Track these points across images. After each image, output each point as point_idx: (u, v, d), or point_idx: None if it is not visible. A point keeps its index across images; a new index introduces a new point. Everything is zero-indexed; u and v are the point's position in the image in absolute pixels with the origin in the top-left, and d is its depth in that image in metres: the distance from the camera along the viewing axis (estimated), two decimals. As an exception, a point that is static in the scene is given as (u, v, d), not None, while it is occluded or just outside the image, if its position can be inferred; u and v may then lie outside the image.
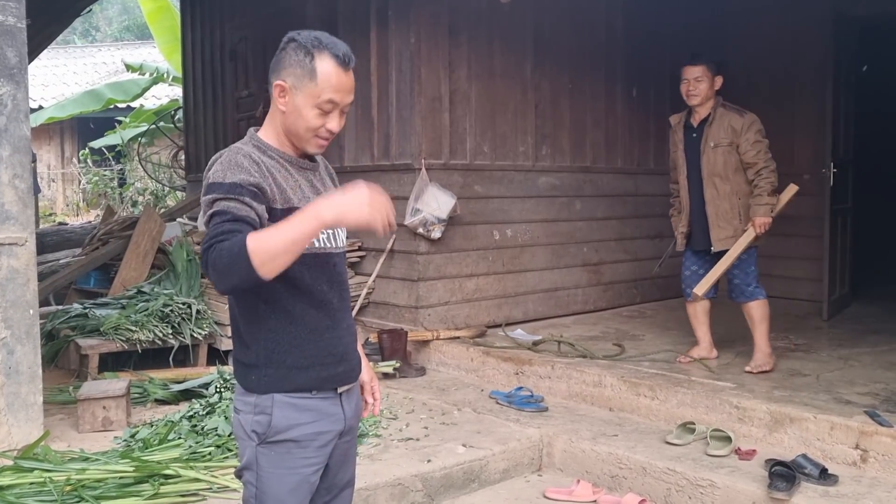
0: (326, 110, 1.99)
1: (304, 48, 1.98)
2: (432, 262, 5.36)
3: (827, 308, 6.01)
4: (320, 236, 2.05)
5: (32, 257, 3.47)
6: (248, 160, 1.96)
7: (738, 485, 3.23)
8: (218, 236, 1.82)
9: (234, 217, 1.85)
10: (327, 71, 1.96)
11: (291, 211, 1.96)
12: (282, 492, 2.02)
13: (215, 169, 1.96)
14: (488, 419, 4.12)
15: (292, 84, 1.99)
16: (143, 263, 6.14)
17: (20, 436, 3.41)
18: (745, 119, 4.49)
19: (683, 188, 4.69)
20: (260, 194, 1.92)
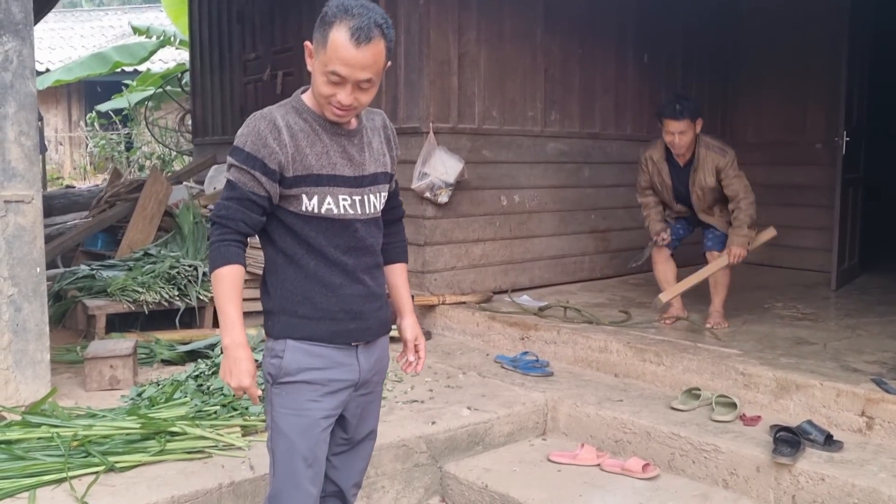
0: (334, 81, 2.00)
1: (327, 15, 1.99)
2: (439, 226, 5.34)
3: (835, 278, 5.97)
4: (342, 204, 2.13)
5: (39, 215, 3.46)
6: (271, 128, 2.03)
7: (743, 450, 3.23)
8: (223, 215, 2.05)
9: (241, 196, 2.04)
10: (336, 43, 1.96)
11: (307, 178, 2.06)
12: (293, 432, 2.11)
13: (241, 131, 2.07)
14: (493, 383, 4.13)
15: (314, 48, 2.03)
16: (149, 226, 6.13)
17: (27, 392, 3.43)
18: (726, 158, 4.56)
19: (668, 201, 4.82)
20: (270, 168, 2.03)
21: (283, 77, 6.67)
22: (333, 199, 2.10)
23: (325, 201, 2.09)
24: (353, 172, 2.14)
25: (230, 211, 2.04)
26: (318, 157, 2.08)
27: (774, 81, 7.17)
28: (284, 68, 6.72)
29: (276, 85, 6.69)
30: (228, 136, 7.67)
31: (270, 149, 2.02)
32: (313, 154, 2.07)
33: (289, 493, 2.13)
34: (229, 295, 2.03)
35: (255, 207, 2.04)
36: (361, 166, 2.16)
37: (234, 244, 2.05)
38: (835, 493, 2.96)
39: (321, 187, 2.08)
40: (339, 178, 2.11)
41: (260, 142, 2.02)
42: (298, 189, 2.07)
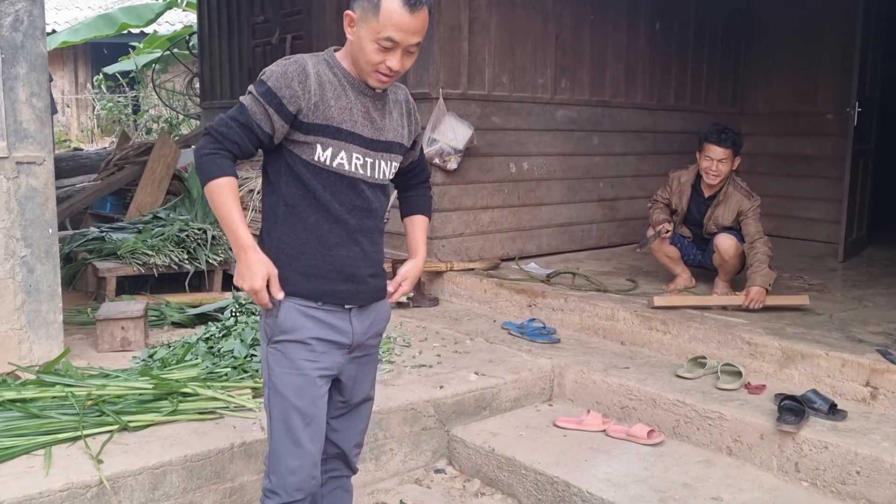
0: (386, 47, 2.02)
1: None
2: (447, 193, 5.34)
3: (843, 250, 5.97)
4: (354, 162, 2.14)
5: (51, 177, 3.48)
6: (300, 72, 2.05)
7: (747, 417, 3.27)
8: (222, 132, 2.06)
9: (247, 123, 2.05)
10: (391, 8, 1.98)
11: (326, 128, 2.08)
12: (288, 390, 2.14)
13: (270, 67, 2.09)
14: (500, 349, 4.16)
15: (359, 16, 2.03)
16: (158, 189, 6.15)
17: (41, 352, 3.48)
18: (751, 203, 4.54)
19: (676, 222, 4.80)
20: (286, 109, 2.04)
21: (291, 41, 6.62)
22: (347, 155, 2.12)
23: (339, 155, 2.11)
24: (372, 134, 2.15)
25: (231, 131, 2.06)
26: (342, 110, 2.10)
27: (787, 51, 7.11)
28: (293, 31, 6.67)
29: (285, 48, 6.65)
30: (237, 100, 7.64)
31: (293, 91, 2.04)
32: (337, 107, 2.09)
33: (289, 451, 2.16)
34: (231, 202, 2.04)
35: (253, 138, 2.07)
36: (381, 130, 2.18)
37: (228, 159, 2.07)
38: (837, 462, 3.00)
39: (338, 141, 2.10)
40: (357, 136, 2.12)
41: (284, 81, 2.04)
42: (315, 137, 2.08)
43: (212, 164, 2.05)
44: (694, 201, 4.72)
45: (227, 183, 2.04)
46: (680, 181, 4.75)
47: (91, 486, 2.57)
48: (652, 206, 4.88)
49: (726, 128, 4.58)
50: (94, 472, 2.60)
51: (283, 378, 2.14)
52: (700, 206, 4.69)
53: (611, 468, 3.15)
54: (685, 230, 4.83)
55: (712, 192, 4.63)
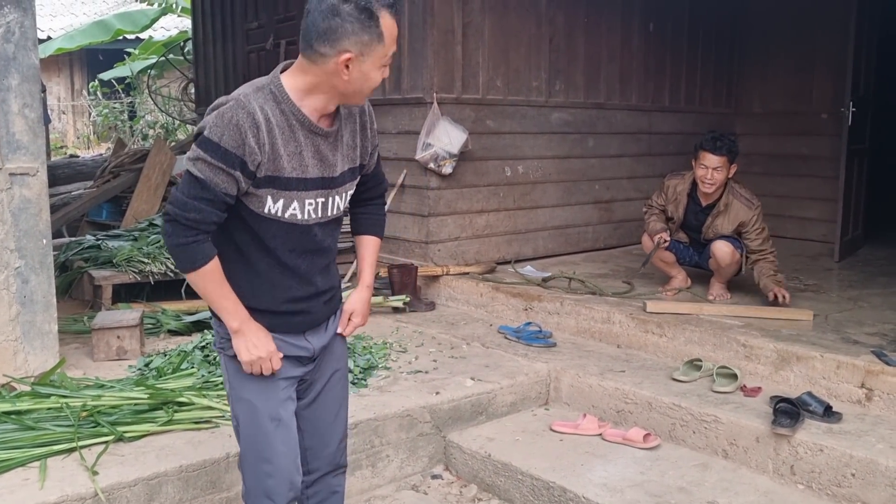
0: (386, 64, 1.96)
1: (366, 11, 1.85)
2: (443, 197, 5.34)
3: (839, 249, 5.98)
4: (307, 209, 2.05)
5: (44, 187, 3.47)
6: (251, 123, 1.88)
7: (743, 420, 3.27)
8: (193, 218, 1.91)
9: (214, 198, 1.91)
10: (388, 25, 1.90)
11: (276, 180, 1.96)
12: (251, 394, 2.13)
13: (215, 119, 1.89)
14: (497, 353, 4.16)
15: (359, 52, 1.89)
16: (154, 196, 6.15)
17: (36, 363, 3.48)
18: (752, 211, 4.48)
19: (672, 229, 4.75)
20: (249, 169, 1.91)
21: (286, 46, 6.63)
22: (299, 204, 2.02)
23: (291, 206, 2.02)
24: (323, 173, 2.04)
25: (203, 214, 1.91)
26: (291, 157, 1.96)
27: (781, 51, 7.12)
28: (287, 37, 6.68)
29: (280, 54, 6.65)
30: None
31: (250, 147, 1.89)
32: (286, 154, 1.95)
33: (262, 455, 2.13)
34: (222, 288, 2.01)
35: (224, 207, 1.94)
36: (332, 167, 2.06)
37: (207, 241, 1.97)
38: (833, 464, 3.00)
39: (289, 191, 1.99)
40: (309, 182, 2.01)
41: (240, 138, 1.88)
42: (265, 190, 1.97)
43: (195, 253, 1.95)
44: (691, 210, 4.66)
45: (211, 269, 1.98)
46: (676, 190, 4.68)
47: (86, 499, 2.57)
48: (647, 210, 4.84)
49: (722, 134, 4.51)
50: (90, 483, 2.60)
51: (244, 383, 2.12)
52: (698, 215, 4.63)
53: (607, 472, 3.16)
54: (682, 235, 4.80)
55: (710, 201, 4.57)
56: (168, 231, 1.95)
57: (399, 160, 5.46)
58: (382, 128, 5.58)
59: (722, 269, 4.55)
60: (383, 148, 5.55)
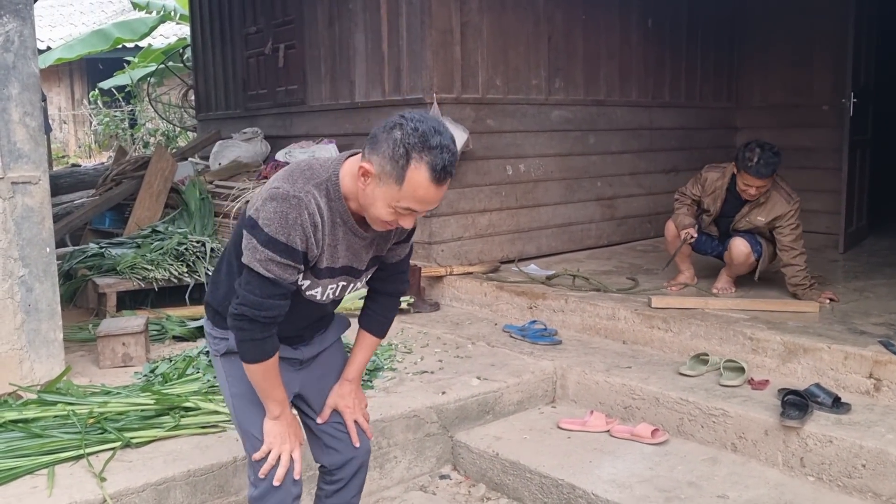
0: (402, 213, 1.91)
1: (405, 147, 1.82)
2: (445, 197, 5.30)
3: (843, 241, 5.96)
4: (328, 293, 2.13)
5: (47, 196, 3.48)
6: (311, 221, 1.92)
7: (751, 413, 3.26)
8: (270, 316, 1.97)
9: (284, 293, 1.98)
10: (417, 182, 1.83)
11: (312, 268, 2.04)
12: (251, 392, 2.17)
13: (278, 218, 1.90)
14: (502, 352, 4.16)
15: (378, 173, 1.87)
16: (156, 203, 6.15)
17: (42, 371, 3.48)
18: (790, 206, 4.38)
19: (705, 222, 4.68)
20: (306, 258, 1.98)
21: (284, 50, 6.63)
22: (322, 288, 2.10)
23: (315, 288, 2.09)
24: (352, 264, 2.09)
25: (279, 309, 1.98)
26: (328, 249, 2.02)
27: (781, 43, 7.10)
28: (286, 41, 6.67)
29: (279, 58, 6.65)
30: (231, 111, 7.66)
31: (311, 244, 1.95)
32: (326, 246, 2.01)
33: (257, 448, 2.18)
34: (277, 378, 2.11)
35: (288, 293, 2.00)
36: (361, 261, 2.12)
37: (273, 336, 2.04)
38: (843, 455, 2.99)
39: (315, 278, 2.06)
40: (336, 270, 2.07)
41: (304, 237, 1.93)
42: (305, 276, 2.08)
43: (270, 347, 2.03)
44: (729, 203, 4.53)
45: (273, 364, 2.07)
46: (715, 184, 4.53)
47: (95, 505, 2.56)
48: (679, 199, 4.69)
49: (762, 156, 4.22)
50: (98, 490, 2.59)
51: (241, 383, 2.17)
52: (734, 206, 4.51)
53: (615, 469, 3.15)
54: (713, 229, 4.67)
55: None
56: (244, 327, 1.98)
57: (400, 161, 5.44)
58: (383, 129, 5.58)
59: (734, 266, 4.53)
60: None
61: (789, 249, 4.34)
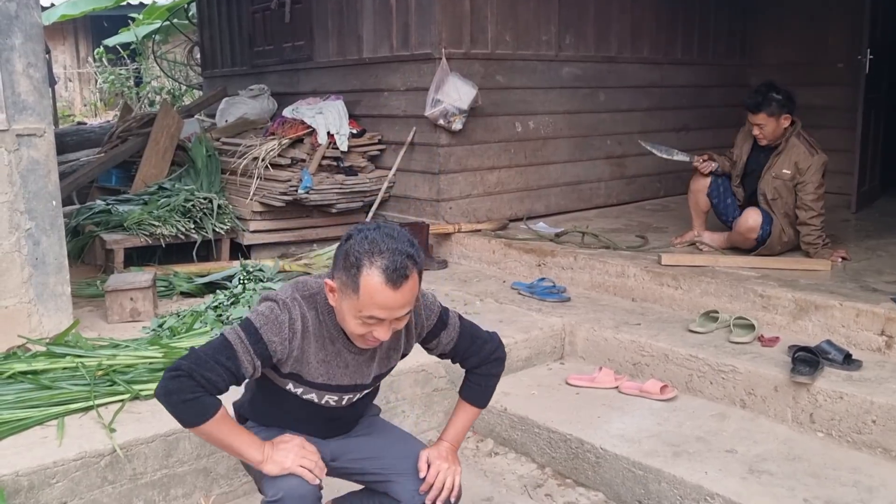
0: (370, 324, 1.89)
1: (355, 255, 1.85)
2: (453, 154, 5.29)
3: (855, 200, 5.90)
4: (326, 399, 2.10)
5: (52, 148, 3.44)
6: (290, 325, 1.95)
7: (761, 370, 3.24)
8: (207, 377, 1.88)
9: (234, 369, 1.91)
10: (371, 288, 1.83)
11: (300, 378, 2.03)
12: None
13: (264, 310, 1.97)
14: (510, 309, 4.14)
15: (339, 288, 1.90)
16: (162, 160, 6.11)
17: (50, 325, 3.48)
18: (813, 159, 4.30)
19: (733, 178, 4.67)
20: (270, 361, 1.97)
21: (291, 5, 6.52)
22: (318, 396, 2.09)
23: (310, 395, 2.08)
24: (351, 381, 2.09)
25: (217, 376, 1.89)
26: (319, 364, 2.02)
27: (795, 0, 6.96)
28: (292, -5, 6.57)
29: (285, 14, 6.55)
30: (237, 68, 7.57)
31: (282, 344, 1.95)
32: (316, 361, 2.01)
33: None
34: (235, 427, 1.99)
35: (233, 380, 1.94)
36: (363, 377, 2.10)
37: (209, 396, 1.91)
38: (853, 411, 2.97)
39: (309, 388, 2.06)
40: (332, 387, 2.07)
41: (277, 334, 1.94)
42: (286, 380, 2.05)
43: (200, 406, 1.90)
44: (754, 153, 4.53)
45: (222, 416, 1.93)
46: (744, 131, 4.59)
47: (104, 455, 2.57)
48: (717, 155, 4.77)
49: (760, 89, 4.36)
50: (107, 440, 2.60)
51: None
52: (759, 157, 4.49)
53: (624, 424, 3.14)
54: (740, 192, 4.63)
55: (774, 144, 4.43)
56: (170, 389, 1.88)
57: (408, 117, 5.39)
58: (391, 85, 5.52)
59: (735, 233, 4.49)
60: (392, 106, 5.52)
61: (808, 209, 4.29)
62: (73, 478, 2.51)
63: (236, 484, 2.87)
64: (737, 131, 4.71)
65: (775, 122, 4.34)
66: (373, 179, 5.53)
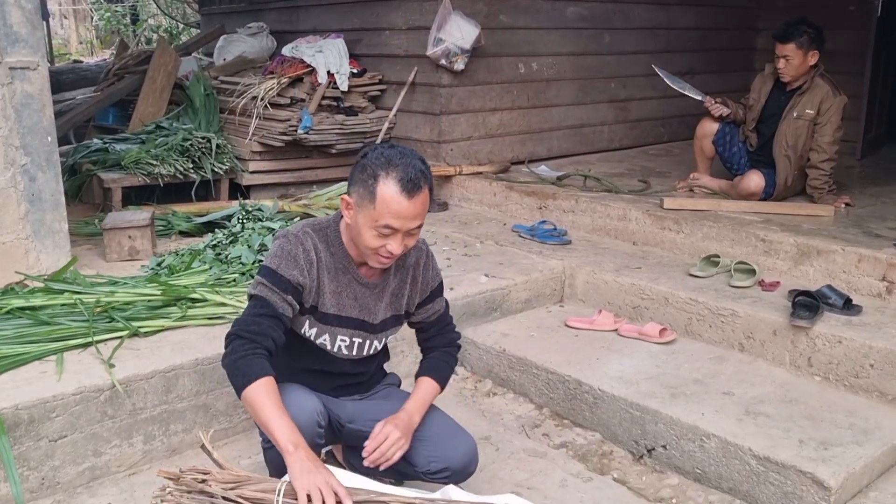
0: (385, 234, 1.97)
1: (370, 168, 1.97)
2: (455, 95, 5.20)
3: (861, 147, 5.83)
4: (339, 344, 2.21)
5: (46, 82, 3.38)
6: (306, 256, 2.08)
7: (760, 314, 3.24)
8: (254, 330, 2.00)
9: (273, 314, 2.03)
10: (387, 196, 1.94)
11: (314, 310, 2.14)
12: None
13: (275, 250, 2.09)
14: (511, 251, 4.12)
15: (356, 202, 2.01)
16: (160, 99, 6.02)
17: (48, 262, 3.46)
18: (836, 100, 4.22)
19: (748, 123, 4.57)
20: (300, 291, 2.08)
21: (290, -61, 6.36)
22: (331, 339, 2.19)
23: (323, 337, 2.19)
24: (362, 316, 2.20)
25: (262, 327, 2.01)
26: (332, 294, 2.13)
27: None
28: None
29: (284, -52, 6.40)
30: (236, 5, 7.41)
31: (302, 277, 2.06)
32: (329, 292, 2.13)
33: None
34: (276, 403, 1.91)
35: (281, 326, 2.05)
36: (372, 314, 2.21)
37: (266, 358, 1.99)
38: (851, 355, 2.98)
39: (323, 325, 2.16)
40: (344, 319, 2.17)
41: (294, 267, 2.06)
42: (306, 317, 2.16)
43: (251, 365, 1.94)
44: (774, 95, 4.44)
45: (268, 383, 1.94)
46: (764, 74, 4.52)
47: (104, 390, 2.58)
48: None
49: (792, 21, 4.27)
50: (107, 376, 2.60)
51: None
52: (780, 100, 4.40)
53: (622, 366, 3.15)
54: (754, 137, 4.55)
55: (796, 85, 4.34)
56: (227, 353, 2.01)
57: (409, 57, 5.30)
58: (392, 23, 5.41)
59: (734, 191, 4.43)
60: (394, 45, 5.41)
61: (821, 151, 4.24)
62: (72, 412, 2.52)
63: (236, 420, 2.89)
64: (748, 75, 4.63)
65: (802, 57, 4.24)
66: (373, 120, 5.45)
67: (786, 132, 4.32)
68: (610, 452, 2.90)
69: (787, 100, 4.36)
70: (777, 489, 2.46)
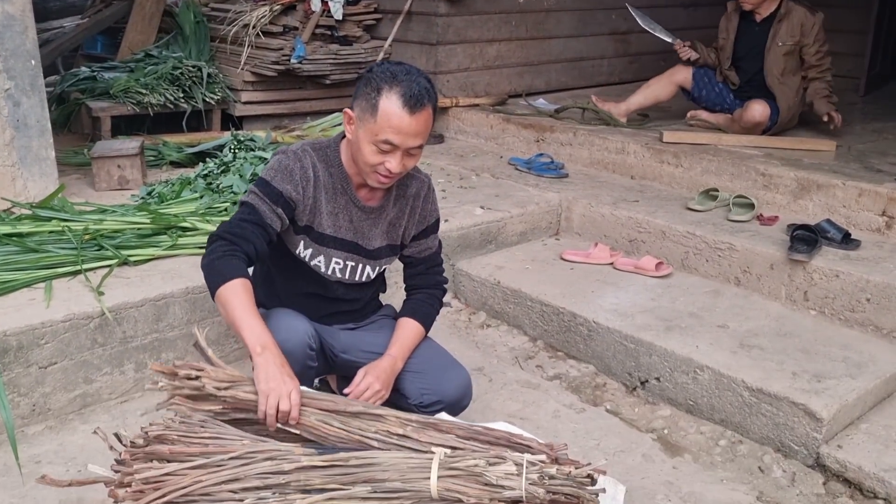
0: (384, 150, 1.93)
1: (374, 82, 1.94)
2: (452, 24, 5.07)
3: (864, 83, 5.74)
4: (333, 266, 2.18)
5: (28, 3, 3.25)
6: (302, 173, 2.06)
7: (758, 248, 3.21)
8: (236, 233, 1.98)
9: (259, 221, 2.01)
10: (389, 111, 1.91)
11: (310, 230, 2.12)
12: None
13: (273, 164, 2.09)
14: (507, 184, 4.07)
15: (357, 115, 1.99)
16: (149, 26, 5.86)
17: (36, 190, 3.39)
18: (815, 18, 4.11)
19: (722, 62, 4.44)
20: (291, 206, 2.07)
21: None
22: (326, 260, 2.16)
23: (318, 258, 2.17)
24: (356, 240, 2.17)
25: (245, 231, 1.98)
26: (329, 215, 2.11)
27: None
28: None
29: None
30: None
31: (296, 192, 2.05)
32: (326, 213, 2.10)
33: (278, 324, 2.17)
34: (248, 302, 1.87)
35: (266, 237, 2.02)
36: (367, 239, 2.19)
37: (244, 261, 1.96)
38: (848, 289, 2.96)
39: (318, 245, 2.14)
40: (339, 241, 2.15)
41: (289, 182, 2.05)
42: (301, 237, 2.14)
43: (227, 265, 1.92)
44: (745, 29, 4.31)
45: (243, 284, 1.90)
46: (727, 13, 4.39)
47: (93, 318, 2.55)
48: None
49: None
50: (96, 303, 2.57)
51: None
52: (754, 36, 4.27)
53: (618, 299, 3.13)
54: (733, 75, 4.43)
55: (768, 14, 4.22)
56: (206, 253, 1.99)
57: (405, -16, 5.15)
58: (387, -52, 5.23)
59: (735, 123, 4.31)
60: (389, -31, 5.25)
61: (816, 66, 4.19)
62: (62, 339, 2.50)
63: (227, 350, 2.87)
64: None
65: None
66: (368, 50, 5.32)
67: (772, 65, 4.23)
68: (603, 384, 2.90)
69: (764, 32, 4.23)
70: (769, 420, 2.46)
